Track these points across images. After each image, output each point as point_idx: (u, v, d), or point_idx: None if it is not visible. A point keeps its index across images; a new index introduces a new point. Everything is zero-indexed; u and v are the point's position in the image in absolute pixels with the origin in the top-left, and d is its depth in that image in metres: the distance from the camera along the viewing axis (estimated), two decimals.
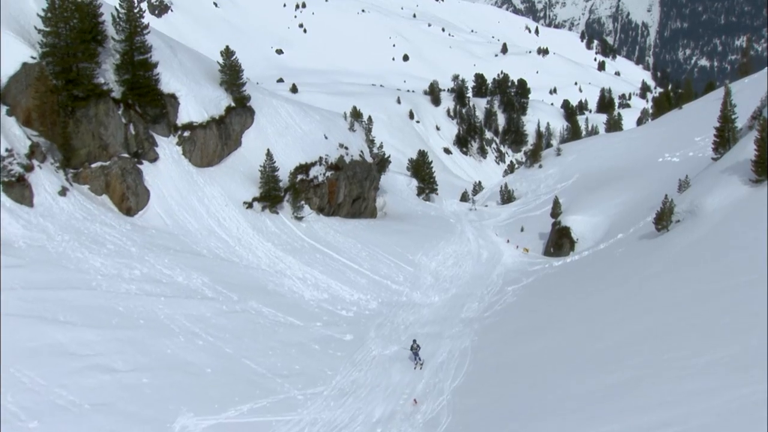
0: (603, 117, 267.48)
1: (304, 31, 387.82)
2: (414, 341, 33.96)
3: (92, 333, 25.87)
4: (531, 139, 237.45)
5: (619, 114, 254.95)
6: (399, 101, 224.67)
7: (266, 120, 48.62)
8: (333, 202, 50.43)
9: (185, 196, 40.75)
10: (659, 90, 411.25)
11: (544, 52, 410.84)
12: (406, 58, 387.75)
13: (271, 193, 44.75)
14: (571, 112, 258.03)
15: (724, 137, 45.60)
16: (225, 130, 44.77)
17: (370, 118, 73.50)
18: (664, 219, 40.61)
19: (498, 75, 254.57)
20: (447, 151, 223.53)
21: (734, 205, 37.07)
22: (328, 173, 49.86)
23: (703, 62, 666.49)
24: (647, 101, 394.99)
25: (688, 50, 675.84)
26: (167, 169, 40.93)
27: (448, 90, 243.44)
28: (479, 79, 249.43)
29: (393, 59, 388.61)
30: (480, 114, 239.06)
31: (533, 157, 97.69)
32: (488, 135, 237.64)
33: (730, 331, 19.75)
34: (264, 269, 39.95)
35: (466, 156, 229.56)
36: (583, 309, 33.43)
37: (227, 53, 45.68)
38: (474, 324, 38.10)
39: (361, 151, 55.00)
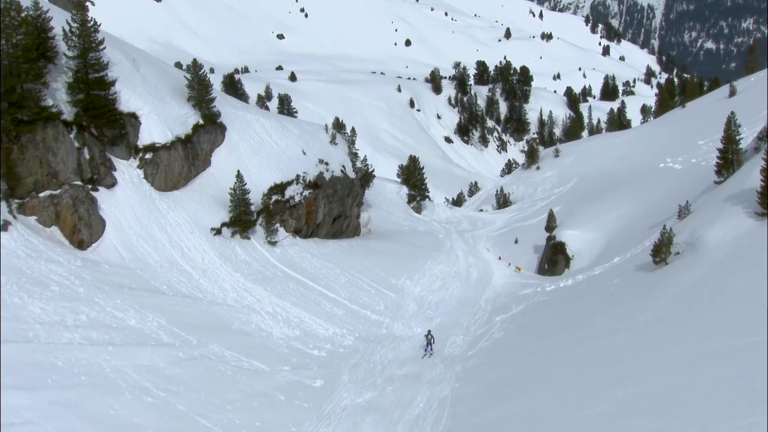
0: (607, 105, 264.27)
1: (306, 15, 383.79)
2: (429, 332, 37.83)
3: (22, 396, 22.83)
4: (533, 128, 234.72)
5: (623, 102, 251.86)
6: (399, 89, 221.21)
7: (239, 137, 45.48)
8: (311, 223, 47.37)
9: (145, 224, 37.72)
10: (664, 75, 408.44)
11: (548, 36, 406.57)
12: (408, 43, 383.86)
13: (242, 218, 41.73)
14: (574, 99, 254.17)
15: (728, 159, 42.52)
16: (192, 149, 41.68)
17: (353, 130, 70.02)
18: (662, 251, 37.58)
19: (500, 62, 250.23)
20: (448, 140, 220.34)
21: (738, 241, 34.01)
22: (306, 192, 46.78)
23: (709, 45, 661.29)
24: (651, 87, 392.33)
25: (694, 33, 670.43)
26: (126, 196, 37.87)
27: (450, 77, 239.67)
28: (481, 66, 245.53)
29: (395, 44, 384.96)
30: (481, 102, 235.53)
31: (531, 157, 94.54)
32: (490, 123, 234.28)
33: (729, 409, 16.97)
34: (230, 305, 37.00)
35: (468, 145, 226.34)
36: (571, 361, 30.47)
37: (194, 67, 42.48)
38: (456, 365, 35.20)
39: (343, 166, 51.82)
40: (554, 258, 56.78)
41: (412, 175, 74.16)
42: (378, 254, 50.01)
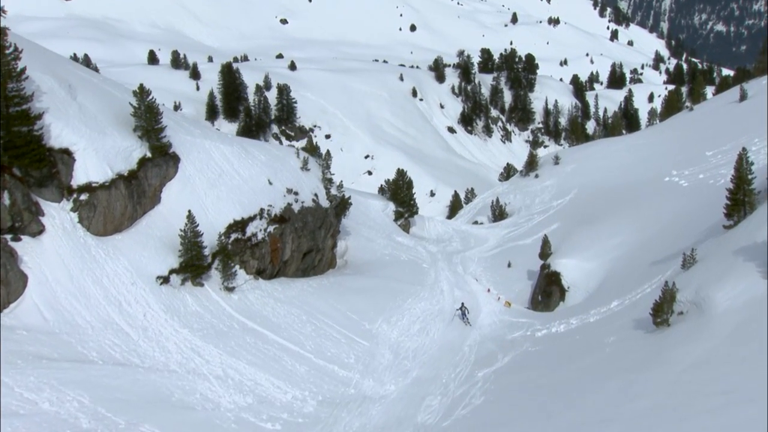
0: (614, 93, 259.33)
1: (310, 0, 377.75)
2: (462, 304, 45.93)
3: None
4: (538, 117, 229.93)
5: (630, 90, 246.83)
6: (402, 78, 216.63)
7: (194, 168, 40.81)
8: (276, 262, 42.79)
9: (77, 277, 33.21)
10: (673, 61, 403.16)
11: (555, 21, 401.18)
12: (413, 28, 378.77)
13: (194, 262, 37.18)
14: (580, 87, 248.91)
15: (738, 201, 37.79)
16: (138, 187, 37.10)
17: (328, 153, 65.38)
18: (663, 311, 32.96)
19: (506, 50, 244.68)
20: (451, 130, 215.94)
21: (750, 308, 29.21)
22: (271, 228, 42.16)
23: (720, 27, 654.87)
24: (660, 73, 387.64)
25: (704, 15, 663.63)
26: (55, 244, 33.35)
27: (453, 66, 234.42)
28: (486, 54, 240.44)
29: (400, 29, 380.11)
30: (486, 91, 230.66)
31: (530, 165, 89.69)
32: (494, 113, 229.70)
33: None
34: (173, 370, 32.54)
35: (471, 135, 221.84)
36: None
37: (141, 93, 37.77)
38: None
39: (315, 195, 47.12)
40: (548, 289, 52.26)
41: (400, 191, 69.47)
42: (352, 293, 45.43)
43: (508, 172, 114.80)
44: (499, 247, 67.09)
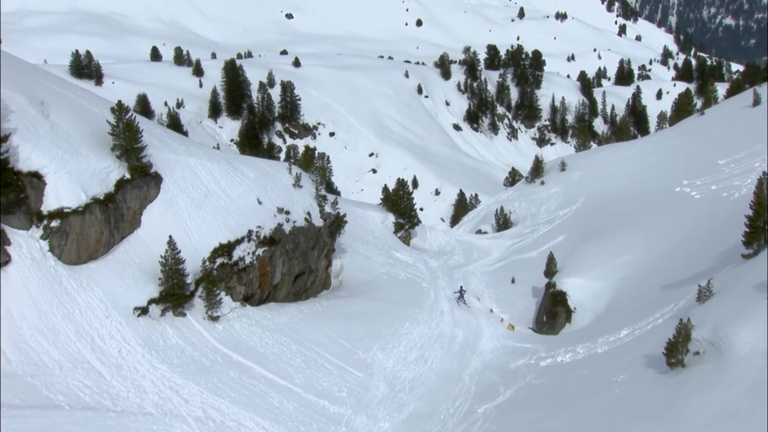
0: (622, 89, 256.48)
1: None
2: (461, 287, 51.57)
3: None
4: (545, 114, 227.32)
5: (638, 87, 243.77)
6: (407, 75, 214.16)
7: (178, 188, 38.33)
8: (266, 287, 40.34)
9: (46, 312, 30.83)
10: (681, 56, 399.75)
11: (562, 16, 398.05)
12: (419, 23, 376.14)
13: (176, 291, 34.80)
14: (587, 84, 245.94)
15: (758, 229, 35.18)
16: (115, 210, 34.70)
17: (327, 158, 62.83)
18: (678, 351, 30.46)
19: (512, 46, 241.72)
20: (456, 127, 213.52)
21: None
22: (260, 251, 39.71)
23: (728, 21, 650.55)
24: (668, 68, 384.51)
25: (713, 8, 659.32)
26: (22, 276, 30.96)
27: (459, 62, 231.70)
28: (492, 50, 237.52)
29: (406, 24, 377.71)
30: (492, 88, 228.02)
31: (536, 171, 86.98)
32: (500, 110, 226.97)
33: None
34: (148, 412, 30.16)
35: (477, 132, 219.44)
36: None
37: (120, 110, 35.32)
38: None
39: (308, 213, 44.60)
40: (554, 309, 49.77)
41: (401, 201, 66.94)
42: (346, 319, 42.96)
43: (513, 177, 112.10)
44: (502, 261, 64.52)
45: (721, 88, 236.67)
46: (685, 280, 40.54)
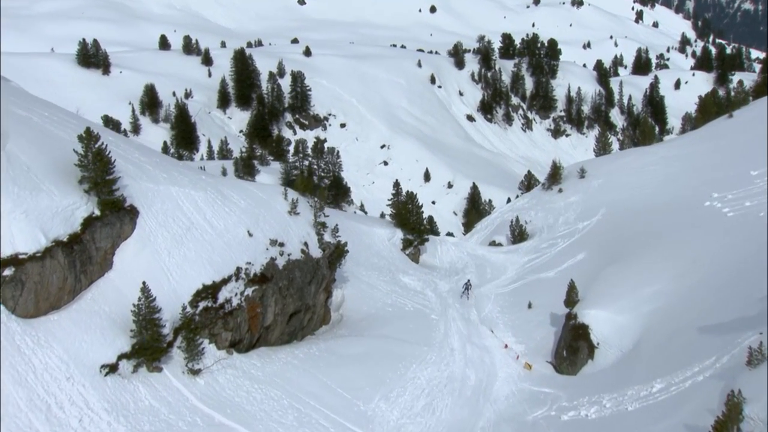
0: (639, 79, 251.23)
1: None
2: (468, 280, 56.73)
3: None
4: (561, 105, 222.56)
5: (656, 77, 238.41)
6: (420, 64, 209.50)
7: (157, 223, 34.05)
8: (256, 330, 36.09)
9: None
10: (699, 44, 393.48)
11: (578, 3, 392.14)
12: (433, 9, 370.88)
13: (151, 344, 30.68)
14: (604, 73, 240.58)
15: None
16: (82, 252, 30.51)
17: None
18: (726, 430, 26.20)
19: (527, 34, 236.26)
20: (470, 118, 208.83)
21: None
22: (249, 290, 35.47)
23: (747, 6, 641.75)
24: (686, 56, 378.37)
25: None
26: None
27: (473, 51, 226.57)
28: (507, 39, 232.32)
29: (420, 10, 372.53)
30: (506, 78, 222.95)
31: (553, 178, 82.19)
32: (515, 100, 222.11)
33: None
34: None
35: (491, 123, 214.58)
36: None
37: (89, 138, 31.08)
38: None
39: (305, 244, 40.21)
40: (575, 344, 45.43)
41: (410, 215, 62.45)
42: (346, 363, 38.62)
43: (528, 181, 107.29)
44: (518, 281, 60.01)
45: (742, 78, 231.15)
46: (726, 326, 36.08)
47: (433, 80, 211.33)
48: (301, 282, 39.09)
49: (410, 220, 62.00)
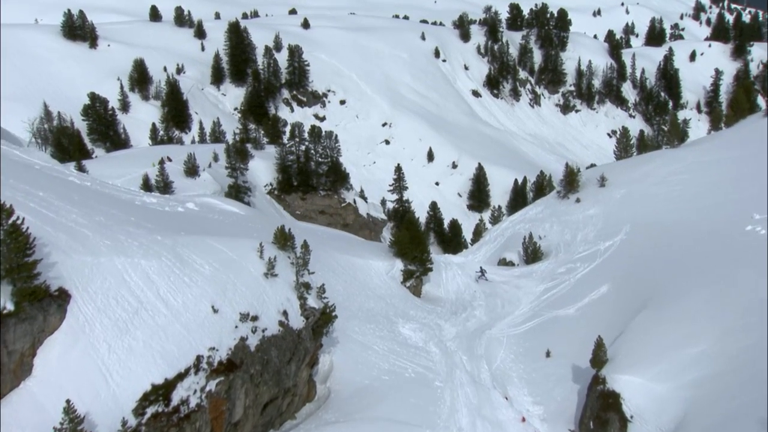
0: (652, 51, 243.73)
1: None
2: (481, 267, 63.81)
3: None
4: (570, 79, 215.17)
5: (670, 49, 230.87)
6: (423, 37, 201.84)
7: (94, 307, 26.95)
8: (220, 431, 29.40)
9: None
10: (715, 10, 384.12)
11: None
12: None
13: None
14: (615, 45, 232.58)
15: None
16: None
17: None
18: None
19: (536, 5, 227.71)
20: (476, 93, 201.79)
21: None
22: (212, 384, 28.63)
23: None
24: (701, 23, 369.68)
25: None
26: None
27: (480, 22, 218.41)
28: (514, 9, 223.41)
29: None
30: (514, 50, 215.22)
31: (569, 185, 74.92)
32: (522, 74, 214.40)
33: None
34: None
35: (497, 99, 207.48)
36: None
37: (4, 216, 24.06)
38: None
39: (284, 313, 33.10)
40: (604, 416, 38.84)
41: (413, 245, 55.29)
42: None
43: (541, 184, 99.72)
44: (533, 318, 53.09)
45: (760, 49, 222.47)
46: None
47: (437, 54, 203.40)
48: (279, 363, 32.16)
49: (412, 251, 54.73)
